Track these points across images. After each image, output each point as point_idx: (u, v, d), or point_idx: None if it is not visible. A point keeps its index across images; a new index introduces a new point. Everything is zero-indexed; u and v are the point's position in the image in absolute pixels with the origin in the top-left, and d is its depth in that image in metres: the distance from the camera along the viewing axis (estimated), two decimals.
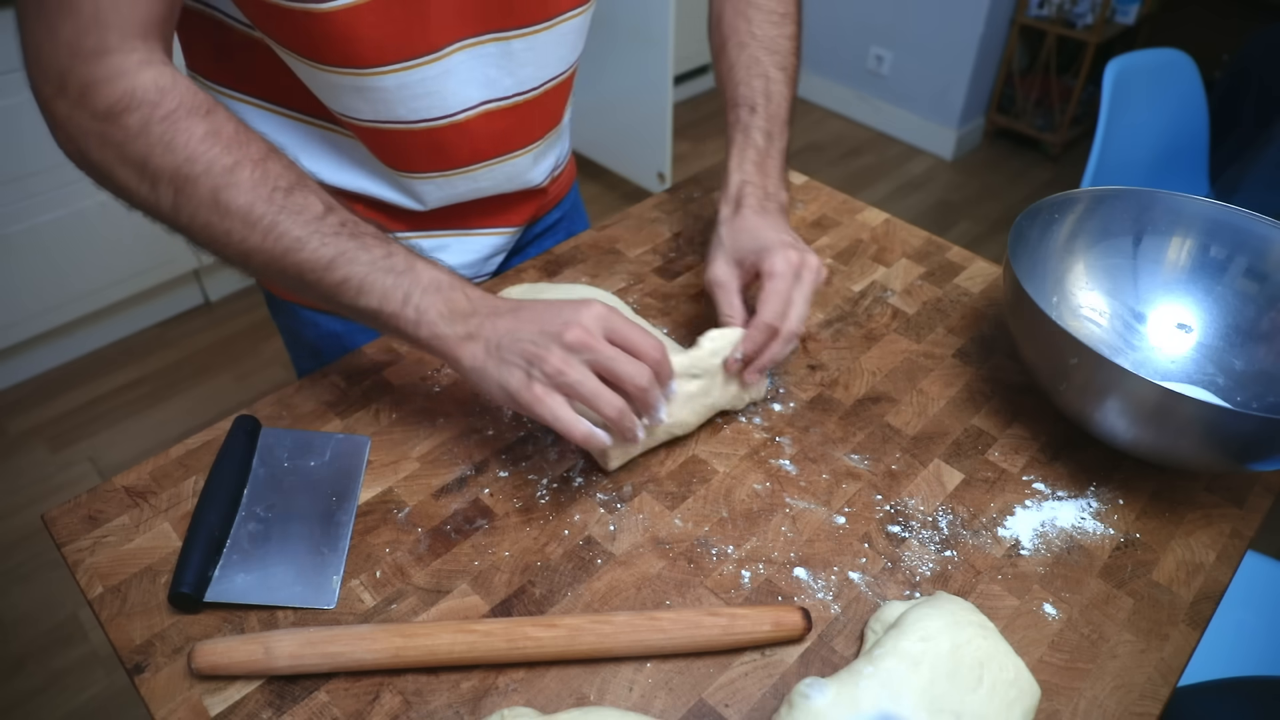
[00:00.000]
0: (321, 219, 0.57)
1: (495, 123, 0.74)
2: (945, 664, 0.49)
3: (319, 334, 0.85)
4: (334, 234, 0.57)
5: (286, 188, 0.57)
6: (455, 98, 0.70)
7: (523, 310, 0.59)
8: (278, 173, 0.57)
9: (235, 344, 2.14)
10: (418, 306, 0.58)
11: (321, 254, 0.57)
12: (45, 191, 1.77)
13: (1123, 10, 2.67)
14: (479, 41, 0.68)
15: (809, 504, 0.64)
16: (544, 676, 0.54)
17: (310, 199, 0.57)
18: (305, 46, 0.63)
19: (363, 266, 0.58)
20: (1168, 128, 1.81)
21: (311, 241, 0.57)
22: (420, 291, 0.58)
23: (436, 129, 0.71)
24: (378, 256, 0.58)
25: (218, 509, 0.60)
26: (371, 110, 0.68)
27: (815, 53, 3.14)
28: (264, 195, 0.56)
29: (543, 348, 0.56)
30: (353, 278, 0.58)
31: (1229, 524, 0.65)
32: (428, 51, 0.66)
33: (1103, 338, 0.78)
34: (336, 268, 0.57)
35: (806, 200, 0.98)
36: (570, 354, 0.56)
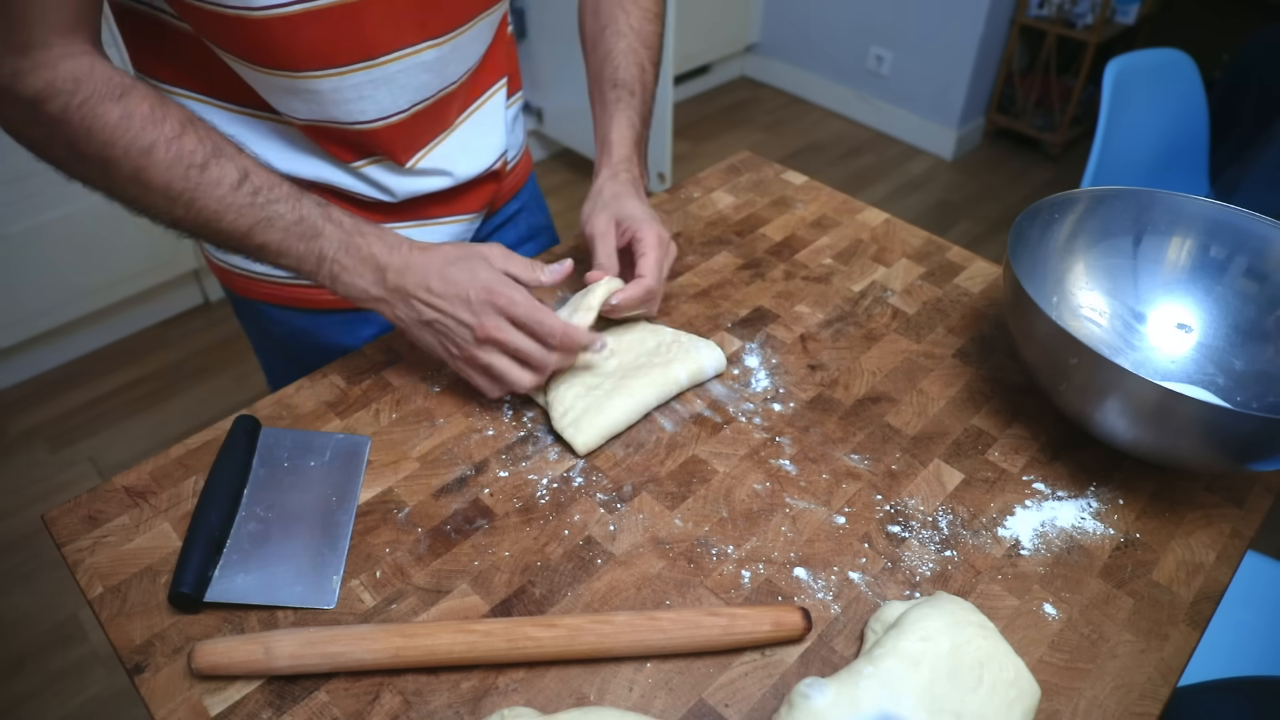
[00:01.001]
0: (236, 189, 0.62)
1: (420, 121, 0.76)
2: (945, 664, 0.49)
3: (286, 330, 0.86)
4: (248, 204, 0.63)
5: (201, 163, 0.61)
6: (389, 102, 0.72)
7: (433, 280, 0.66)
8: (191, 148, 0.61)
9: (235, 344, 2.14)
10: (331, 270, 0.66)
11: (238, 224, 0.63)
12: (45, 191, 1.77)
13: (1123, 10, 2.67)
14: (415, 50, 0.70)
15: (809, 504, 0.64)
16: (544, 676, 0.54)
17: (225, 169, 0.62)
18: (240, 49, 0.64)
19: (277, 233, 0.64)
20: (1168, 128, 1.81)
21: (229, 214, 0.62)
22: (333, 254, 0.65)
23: (372, 131, 0.73)
24: (289, 223, 0.64)
25: (218, 509, 0.60)
26: (308, 110, 0.70)
27: (815, 53, 3.14)
28: (180, 174, 0.60)
29: (460, 336, 0.66)
30: (269, 244, 0.64)
31: (1229, 524, 0.65)
32: (362, 59, 0.67)
33: (1103, 338, 0.78)
34: (253, 236, 0.64)
35: (806, 200, 0.98)
36: (483, 344, 0.66)
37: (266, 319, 0.86)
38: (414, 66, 0.71)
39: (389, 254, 0.66)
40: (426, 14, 0.69)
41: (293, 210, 0.64)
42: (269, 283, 0.83)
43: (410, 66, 0.70)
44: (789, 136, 3.05)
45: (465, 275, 0.66)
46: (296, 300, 0.84)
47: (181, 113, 0.62)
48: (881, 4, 2.85)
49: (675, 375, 0.72)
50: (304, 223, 0.64)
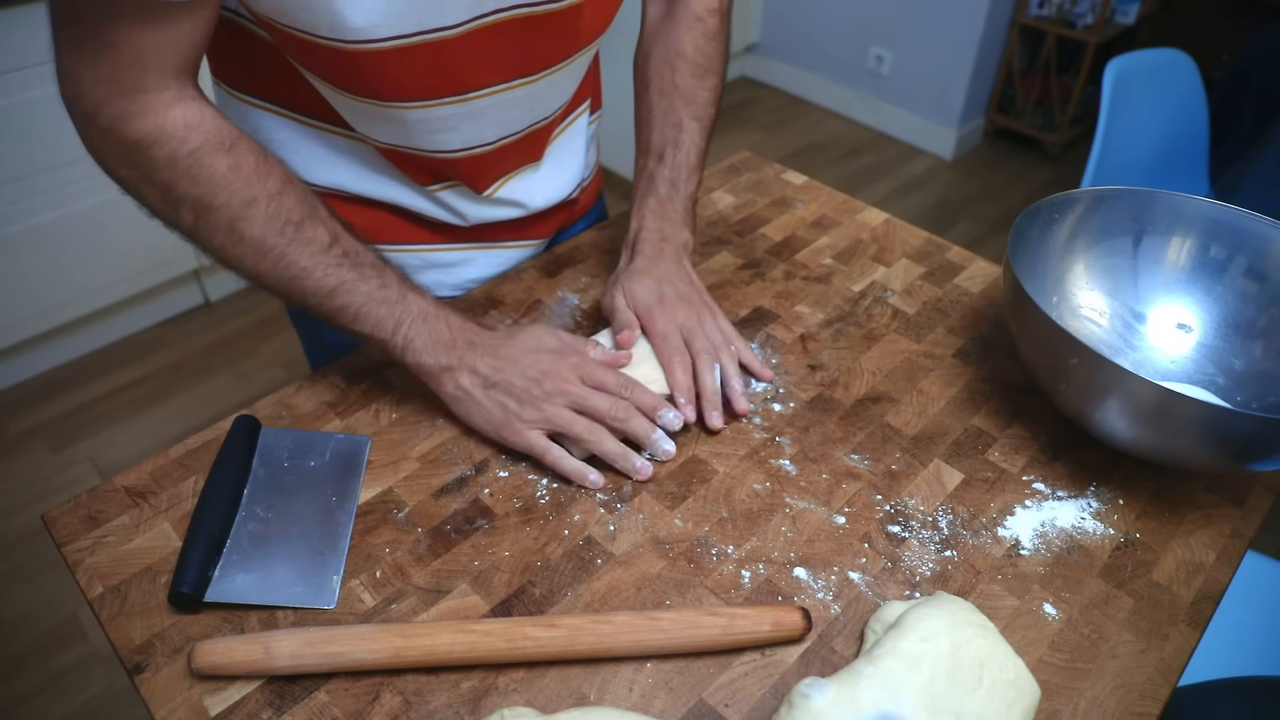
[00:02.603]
0: (326, 251, 0.63)
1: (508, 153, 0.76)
2: (945, 664, 0.49)
3: (339, 339, 0.86)
4: (336, 265, 0.63)
5: (298, 222, 0.62)
6: (475, 135, 0.71)
7: (501, 349, 0.67)
8: (290, 207, 0.61)
9: (235, 344, 2.14)
10: (405, 335, 0.66)
11: (324, 283, 0.63)
12: (45, 191, 1.77)
13: (1123, 10, 2.67)
14: (509, 86, 0.69)
15: (809, 504, 0.64)
16: (544, 676, 0.54)
17: (319, 231, 0.63)
18: (328, 74, 0.64)
19: (360, 297, 0.64)
20: (1168, 128, 1.81)
21: (316, 272, 0.63)
22: (410, 322, 0.66)
23: (453, 160, 0.73)
24: (374, 288, 0.65)
25: (218, 509, 0.60)
26: (390, 135, 0.70)
27: (815, 53, 3.14)
28: (276, 229, 0.61)
29: (523, 391, 0.65)
30: (350, 306, 0.64)
31: (1229, 524, 0.65)
32: (453, 93, 0.67)
33: (1103, 338, 0.78)
34: (337, 296, 0.64)
35: (806, 200, 0.98)
36: (548, 398, 0.65)
37: (318, 325, 0.86)
38: (505, 103, 0.70)
39: (463, 327, 0.67)
40: (524, 54, 0.68)
41: (379, 275, 0.65)
42: None
43: (501, 103, 0.70)
44: (789, 136, 3.05)
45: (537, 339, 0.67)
46: None
47: (283, 170, 0.62)
48: (881, 4, 2.85)
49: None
50: (389, 288, 0.65)
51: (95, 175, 0.61)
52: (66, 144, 0.63)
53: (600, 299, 0.77)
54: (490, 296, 0.83)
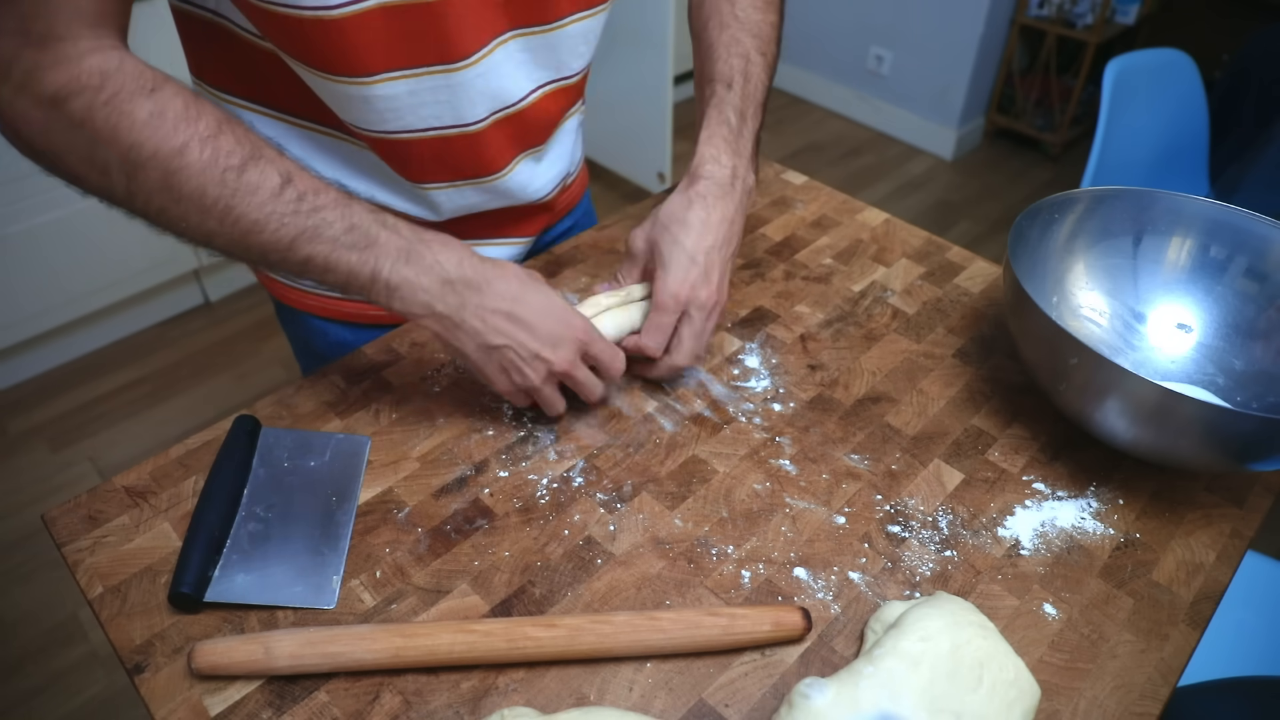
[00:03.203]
0: (278, 196, 0.56)
1: (502, 131, 0.73)
2: (945, 664, 0.49)
3: (327, 343, 0.85)
4: (292, 212, 0.56)
5: (239, 165, 0.55)
6: (467, 108, 0.69)
7: (516, 307, 0.62)
8: (229, 149, 0.55)
9: (235, 344, 2.14)
10: (388, 282, 0.59)
11: (281, 235, 0.56)
12: (45, 191, 1.77)
13: (1123, 10, 2.67)
14: (489, 50, 0.67)
15: (809, 504, 0.64)
16: (544, 676, 0.54)
17: (266, 173, 0.55)
18: (314, 55, 0.62)
19: (325, 245, 0.57)
20: (1168, 128, 1.81)
21: (270, 224, 0.56)
22: (389, 265, 0.59)
23: (446, 138, 0.70)
24: (339, 233, 0.57)
25: (218, 509, 0.60)
26: (379, 120, 0.67)
27: (815, 53, 3.14)
28: (215, 177, 0.54)
29: (528, 364, 0.63)
30: (316, 257, 0.58)
31: (1229, 524, 0.65)
32: (441, 61, 0.65)
33: (1103, 338, 0.78)
34: (298, 248, 0.57)
35: (806, 200, 0.98)
36: (549, 380, 0.65)
37: (309, 330, 0.85)
38: (496, 68, 0.68)
39: (458, 266, 0.60)
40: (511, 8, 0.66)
41: (342, 218, 0.57)
42: (313, 294, 0.82)
43: (492, 69, 0.68)
44: (789, 136, 3.05)
45: (545, 305, 0.62)
46: (340, 314, 0.84)
47: (218, 111, 0.56)
48: (881, 4, 2.85)
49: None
50: (355, 230, 0.58)
51: None
52: None
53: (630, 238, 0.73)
54: None
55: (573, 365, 0.64)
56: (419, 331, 0.78)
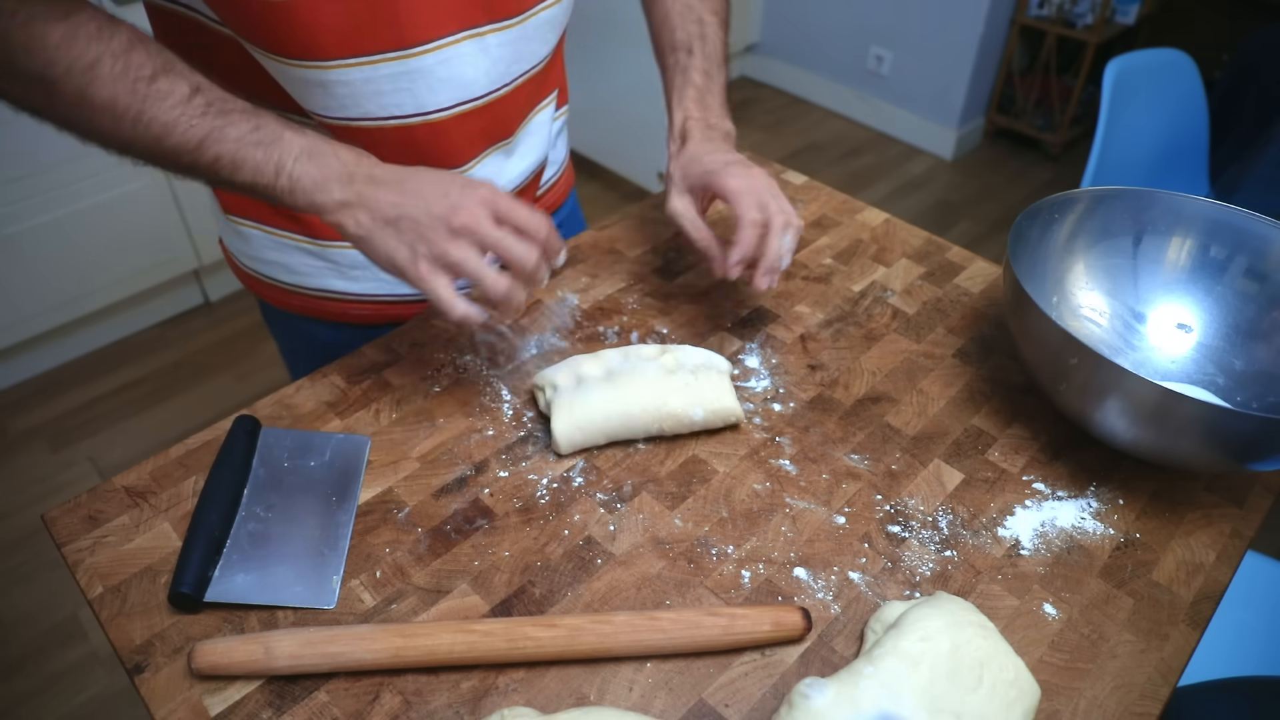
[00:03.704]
0: (187, 101, 0.58)
1: (470, 123, 0.73)
2: (945, 664, 0.49)
3: (314, 343, 0.85)
4: (200, 114, 0.58)
5: (150, 75, 0.57)
6: (429, 96, 0.69)
7: (407, 182, 0.61)
8: (140, 62, 0.57)
9: (235, 344, 2.14)
10: (290, 175, 0.60)
11: (190, 135, 0.58)
12: (45, 191, 1.77)
13: (1123, 10, 2.67)
14: (454, 40, 0.67)
15: (809, 504, 0.64)
16: (544, 676, 0.54)
17: (176, 83, 0.58)
18: (268, 39, 0.63)
19: (231, 144, 0.59)
20: (1168, 128, 1.81)
21: (179, 125, 0.58)
22: (292, 160, 0.60)
23: (408, 127, 0.70)
24: (245, 131, 0.59)
25: (218, 509, 0.60)
26: (340, 107, 0.67)
27: (815, 53, 3.14)
28: (126, 87, 0.56)
29: (429, 228, 0.59)
30: (224, 155, 0.59)
31: (1229, 524, 0.65)
32: (396, 47, 0.65)
33: (1103, 338, 0.78)
34: (206, 148, 0.59)
35: (806, 200, 0.98)
36: (456, 236, 0.59)
37: (295, 330, 0.85)
38: (452, 57, 0.68)
39: (356, 161, 0.61)
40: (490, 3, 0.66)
41: (248, 119, 0.60)
42: (298, 294, 0.82)
43: (457, 59, 0.68)
44: (789, 136, 3.05)
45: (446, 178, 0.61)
46: (325, 313, 0.83)
47: (132, 32, 0.58)
48: (881, 4, 2.85)
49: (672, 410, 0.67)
50: (261, 129, 0.60)
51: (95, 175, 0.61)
52: (67, 144, 0.62)
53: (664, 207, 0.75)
54: None
55: (476, 220, 0.59)
56: (419, 331, 0.78)
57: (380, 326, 0.83)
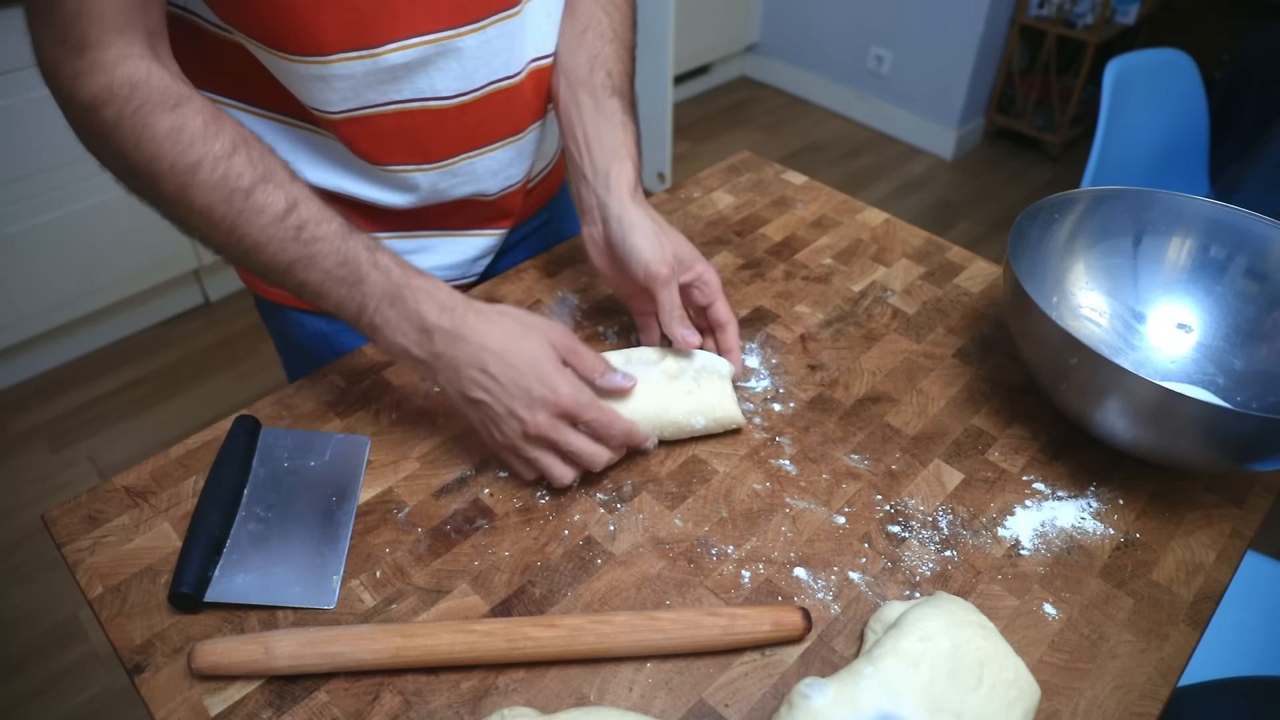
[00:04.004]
0: (280, 221, 0.59)
1: (472, 113, 0.73)
2: (945, 664, 0.49)
3: (305, 334, 0.85)
4: (292, 239, 0.59)
5: (247, 188, 0.58)
6: (428, 85, 0.69)
7: (488, 356, 0.60)
8: (239, 170, 0.58)
9: (235, 344, 2.14)
10: (372, 322, 0.61)
11: (280, 258, 0.59)
12: (45, 191, 1.77)
13: (1123, 10, 2.67)
14: (449, 35, 0.67)
15: (809, 504, 0.64)
16: (544, 676, 0.54)
17: (272, 198, 0.58)
18: (269, 35, 0.63)
19: (318, 274, 0.60)
20: (1168, 128, 1.81)
21: (270, 247, 0.59)
22: (375, 305, 0.61)
23: (410, 112, 0.70)
24: (331, 266, 0.60)
25: (218, 509, 0.60)
26: (341, 100, 0.67)
27: (815, 53, 3.14)
28: (223, 197, 0.57)
29: (506, 424, 0.60)
30: (309, 284, 0.60)
31: (1229, 524, 0.65)
32: (392, 40, 0.65)
33: (1103, 338, 0.78)
34: (294, 273, 0.60)
35: (806, 200, 0.98)
36: (532, 442, 0.61)
37: (286, 321, 0.85)
38: (449, 50, 0.68)
39: (439, 315, 0.60)
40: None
41: (337, 251, 0.60)
42: None
43: (448, 50, 0.68)
44: (789, 136, 3.05)
45: (528, 364, 0.60)
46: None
47: (237, 132, 0.59)
48: (881, 4, 2.85)
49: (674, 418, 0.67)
50: (347, 265, 0.60)
51: (95, 175, 0.61)
52: (66, 144, 0.63)
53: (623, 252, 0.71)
54: (490, 296, 0.83)
55: (552, 428, 0.60)
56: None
57: None
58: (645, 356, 0.70)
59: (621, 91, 0.76)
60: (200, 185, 0.57)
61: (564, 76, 0.77)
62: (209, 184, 0.57)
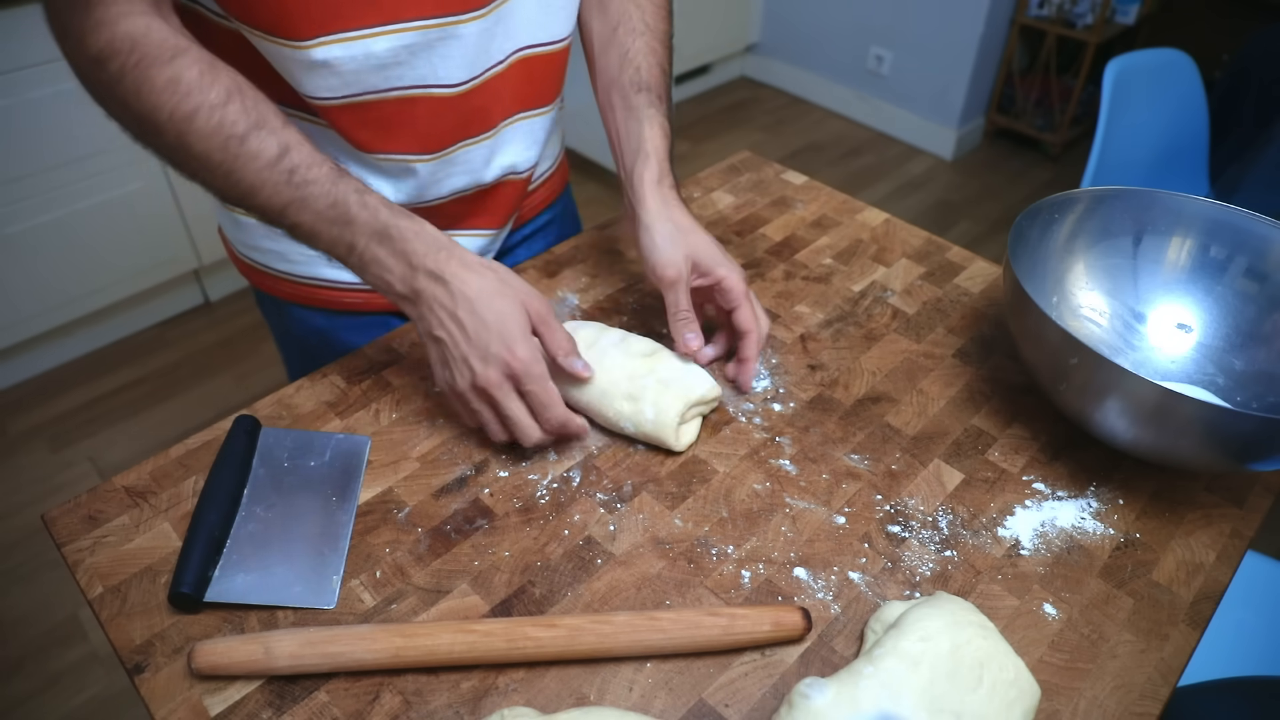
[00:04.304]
0: (273, 166, 0.61)
1: (471, 100, 0.73)
2: (945, 664, 0.49)
3: (305, 329, 0.86)
4: (285, 182, 0.61)
5: (241, 135, 0.60)
6: (430, 72, 0.69)
7: (460, 298, 0.62)
8: (234, 119, 0.60)
9: (235, 344, 2.14)
10: (361, 259, 0.64)
11: (274, 202, 0.62)
12: (45, 191, 1.77)
13: (1123, 10, 2.67)
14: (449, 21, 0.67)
15: (809, 504, 0.64)
16: (544, 676, 0.54)
17: (265, 144, 0.60)
18: (259, 19, 0.63)
19: (310, 215, 0.62)
20: (1168, 128, 1.81)
21: (265, 190, 0.61)
22: (364, 243, 0.63)
23: (411, 99, 0.70)
24: (323, 208, 0.62)
25: (218, 509, 0.60)
26: (335, 87, 0.67)
27: (815, 53, 3.14)
28: (219, 144, 0.60)
29: (458, 372, 0.63)
30: (302, 225, 0.63)
31: (1229, 524, 0.65)
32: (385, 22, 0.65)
33: (1103, 338, 0.78)
34: (288, 215, 0.62)
35: (806, 200, 0.98)
36: (478, 394, 0.63)
37: (288, 316, 0.86)
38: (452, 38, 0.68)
39: (424, 255, 0.63)
40: None
41: (327, 194, 0.62)
42: (290, 281, 0.82)
43: (448, 37, 0.68)
44: (789, 136, 3.05)
45: (496, 321, 0.61)
46: (316, 300, 0.83)
47: (231, 80, 0.60)
48: (881, 4, 2.85)
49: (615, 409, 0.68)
50: (336, 207, 0.62)
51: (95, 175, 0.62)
52: (66, 144, 0.63)
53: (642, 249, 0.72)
54: None
55: (497, 387, 0.62)
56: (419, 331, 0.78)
57: (369, 314, 0.84)
58: (635, 347, 0.70)
59: (649, 85, 0.77)
60: (197, 133, 0.59)
61: (598, 77, 0.80)
62: (205, 131, 0.59)
